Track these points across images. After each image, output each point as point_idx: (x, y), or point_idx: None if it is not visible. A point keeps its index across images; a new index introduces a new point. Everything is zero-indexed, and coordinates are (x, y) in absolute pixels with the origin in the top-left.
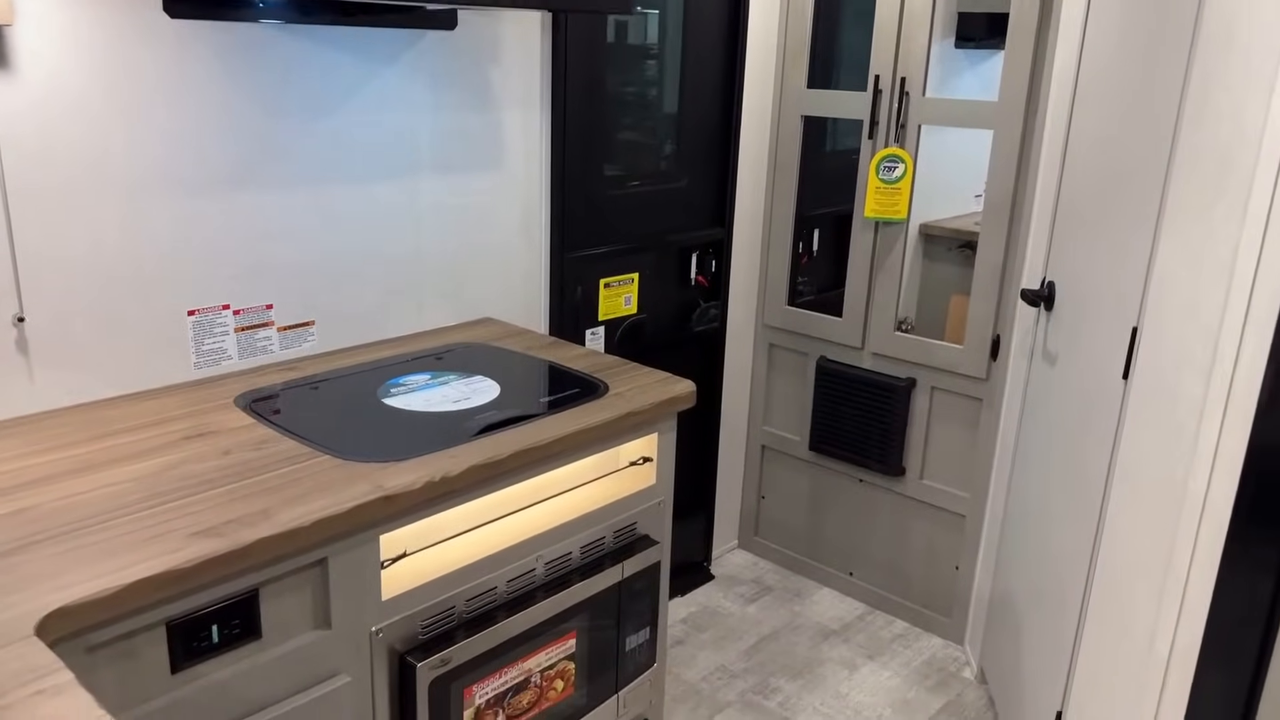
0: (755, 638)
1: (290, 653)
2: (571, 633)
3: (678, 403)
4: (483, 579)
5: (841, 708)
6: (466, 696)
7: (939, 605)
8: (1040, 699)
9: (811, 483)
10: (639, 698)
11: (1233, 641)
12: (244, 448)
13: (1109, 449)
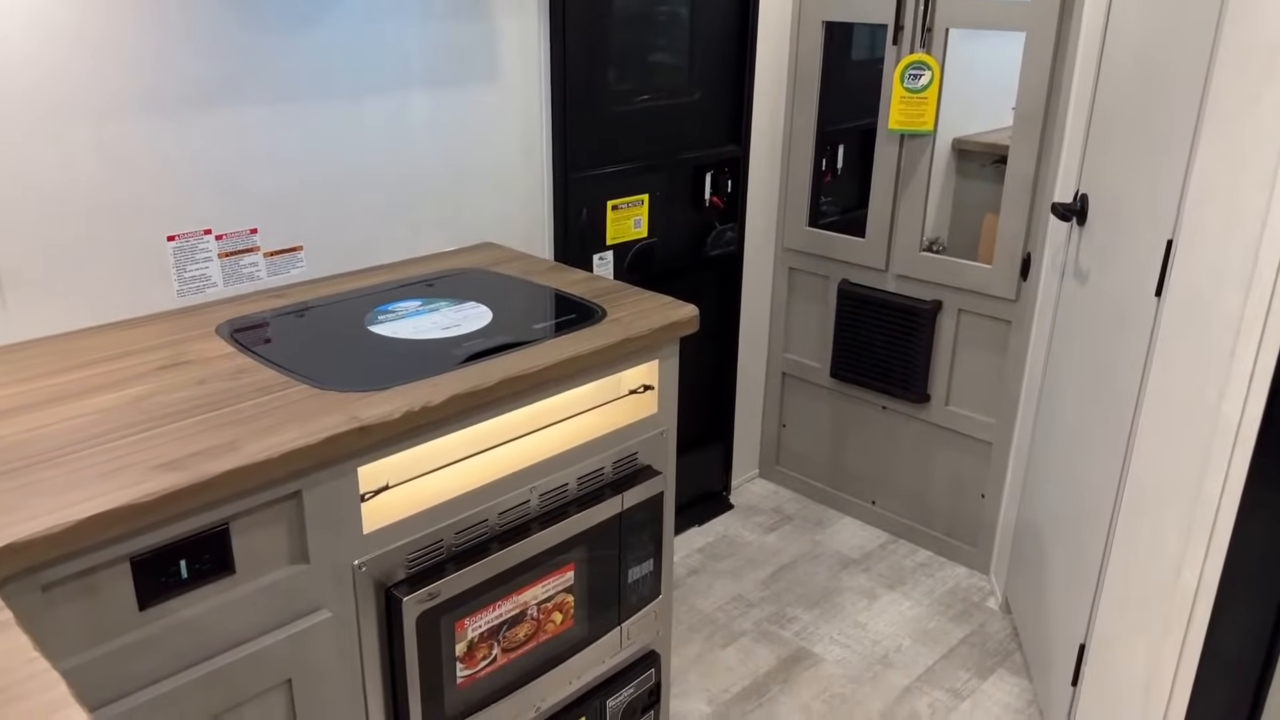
0: (773, 567)
1: (266, 588)
2: (569, 565)
3: (679, 328)
4: (473, 511)
5: (859, 637)
6: (458, 630)
7: (964, 534)
8: (1064, 631)
9: (833, 411)
10: (644, 630)
11: (1261, 573)
12: (220, 377)
13: (1140, 371)
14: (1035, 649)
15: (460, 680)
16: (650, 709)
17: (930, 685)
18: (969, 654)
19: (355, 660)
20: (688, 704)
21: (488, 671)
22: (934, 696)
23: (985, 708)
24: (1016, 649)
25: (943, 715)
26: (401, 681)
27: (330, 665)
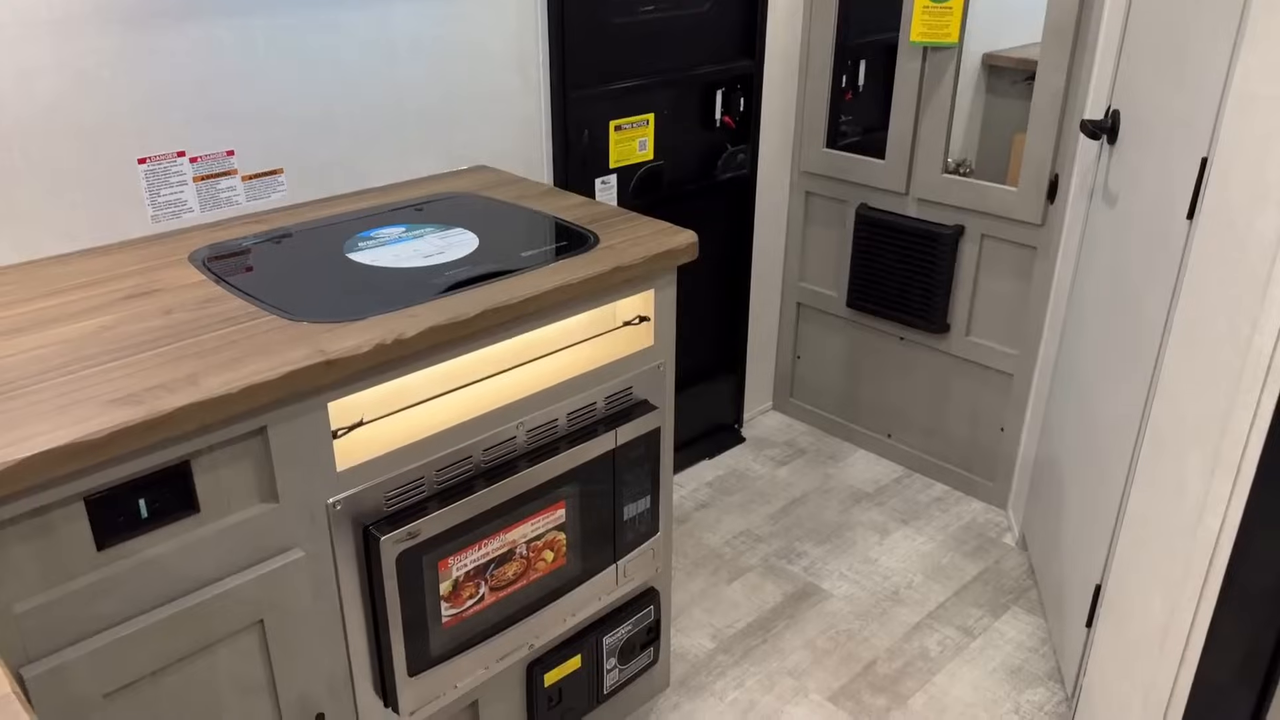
0: (784, 501)
1: (233, 527)
2: (560, 503)
3: (676, 256)
4: (455, 448)
5: (869, 573)
6: (441, 569)
7: (981, 468)
8: (1079, 571)
9: (849, 342)
10: (641, 567)
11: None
12: (186, 307)
13: (1168, 300)
14: (1051, 588)
15: (446, 619)
16: (649, 646)
17: (941, 623)
18: (982, 591)
19: (333, 601)
20: (691, 639)
21: (475, 610)
22: (944, 634)
23: (997, 646)
24: (1032, 586)
25: (952, 653)
26: (383, 622)
27: (305, 606)
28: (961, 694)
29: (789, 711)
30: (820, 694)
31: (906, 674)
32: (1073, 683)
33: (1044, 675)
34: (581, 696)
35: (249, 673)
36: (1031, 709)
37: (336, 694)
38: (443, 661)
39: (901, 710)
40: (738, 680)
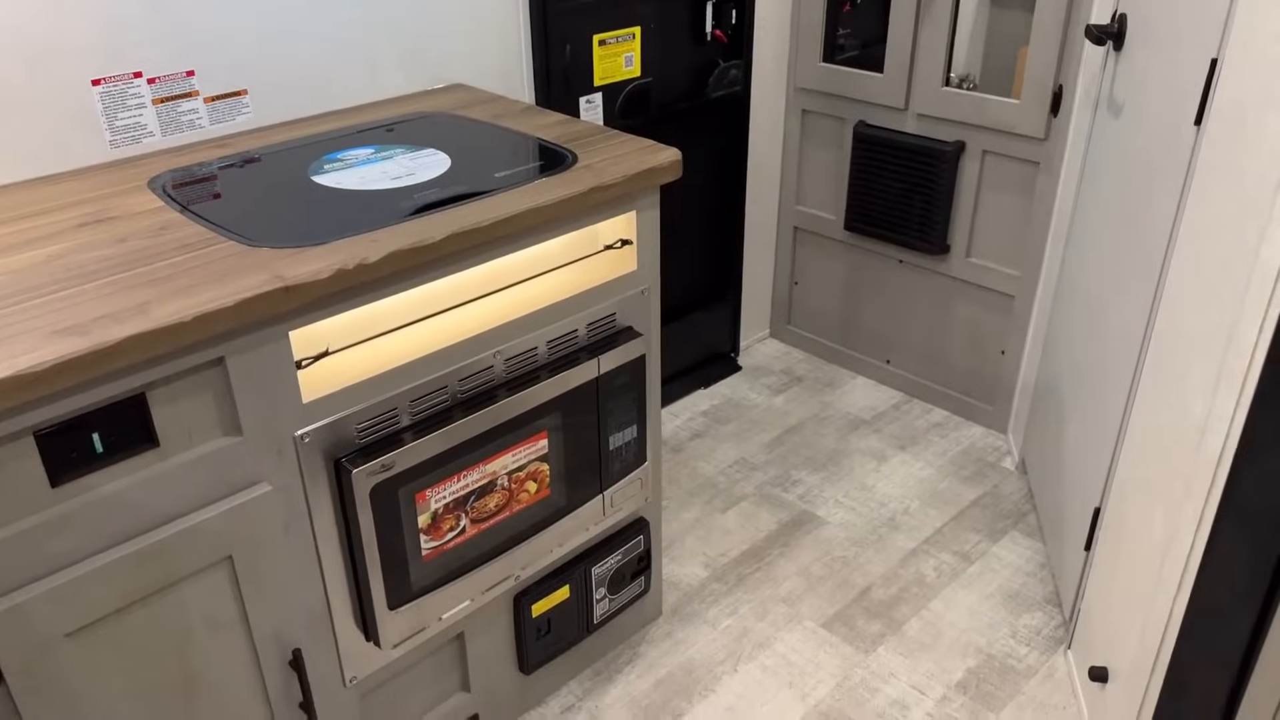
0: (780, 429)
1: (195, 461)
2: (541, 433)
3: (658, 174)
4: (429, 378)
5: (865, 500)
6: (419, 501)
7: (982, 392)
8: (1079, 494)
9: (848, 266)
10: (629, 498)
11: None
12: (141, 235)
13: (1173, 210)
14: (1050, 511)
15: (426, 552)
16: (640, 575)
17: (937, 548)
18: (980, 516)
19: (307, 536)
20: (684, 568)
21: (456, 543)
22: (940, 559)
23: (995, 570)
24: (1031, 510)
25: (949, 578)
26: (360, 556)
27: (276, 541)
28: (957, 619)
29: (782, 638)
30: (814, 620)
31: (902, 600)
32: (1070, 606)
33: (1042, 599)
34: (571, 627)
35: (220, 609)
36: (1028, 633)
37: (314, 629)
38: (424, 594)
39: (896, 636)
40: (731, 608)
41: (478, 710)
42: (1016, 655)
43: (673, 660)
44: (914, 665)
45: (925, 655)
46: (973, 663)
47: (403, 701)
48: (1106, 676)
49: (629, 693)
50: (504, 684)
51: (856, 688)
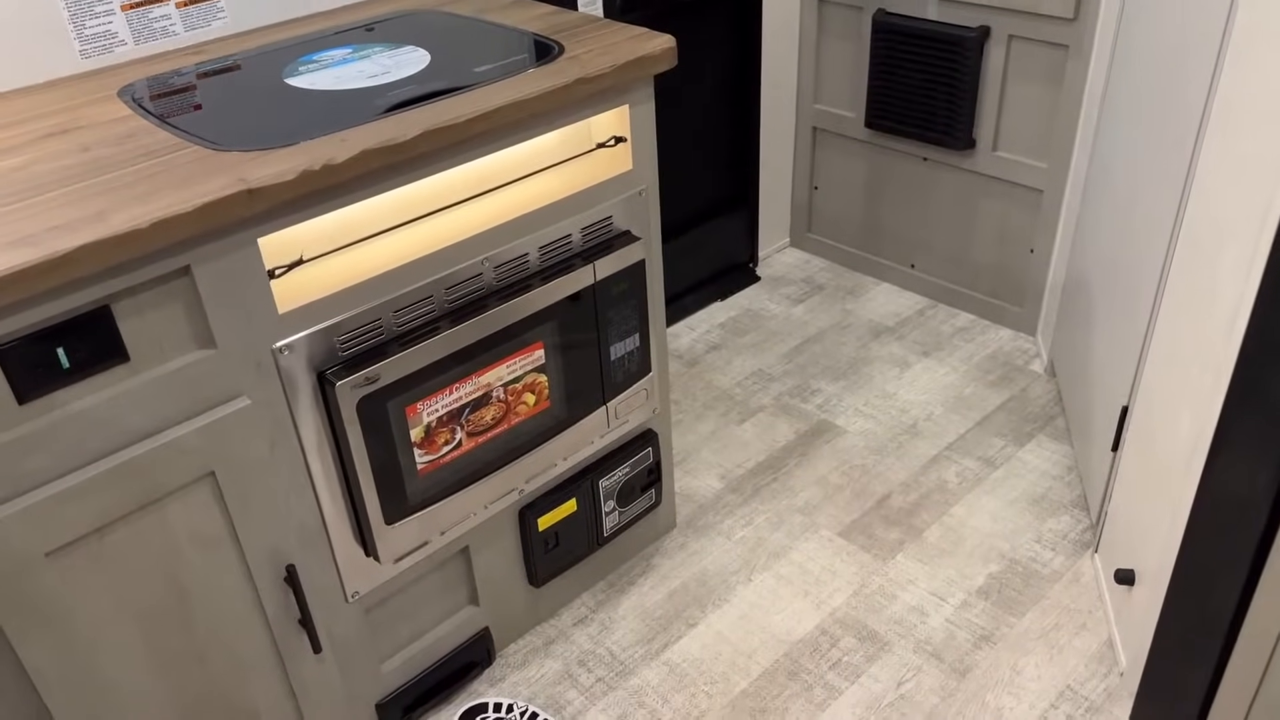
0: (799, 339)
1: (169, 376)
2: (537, 344)
3: (650, 64)
4: (413, 287)
5: (885, 407)
6: (410, 415)
7: (1010, 294)
8: (1106, 393)
9: (869, 167)
10: (634, 409)
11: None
12: (107, 143)
13: (1208, 84)
14: (1078, 413)
15: (422, 466)
16: (650, 488)
17: (961, 454)
18: (1006, 420)
19: (294, 452)
20: (698, 480)
21: (453, 456)
22: (964, 465)
23: (1020, 475)
24: (1059, 413)
25: (971, 484)
26: (352, 471)
27: (261, 457)
28: (980, 524)
29: (798, 547)
30: (830, 529)
31: (922, 507)
32: (1098, 509)
33: (1068, 503)
34: (580, 540)
35: (207, 527)
36: (1054, 537)
37: (310, 545)
38: (423, 509)
39: (915, 543)
40: (746, 518)
41: (488, 624)
42: (1041, 560)
43: (686, 571)
44: (933, 572)
45: (945, 562)
46: (995, 568)
47: (410, 616)
48: (1133, 579)
49: (641, 604)
50: (514, 597)
51: (874, 595)
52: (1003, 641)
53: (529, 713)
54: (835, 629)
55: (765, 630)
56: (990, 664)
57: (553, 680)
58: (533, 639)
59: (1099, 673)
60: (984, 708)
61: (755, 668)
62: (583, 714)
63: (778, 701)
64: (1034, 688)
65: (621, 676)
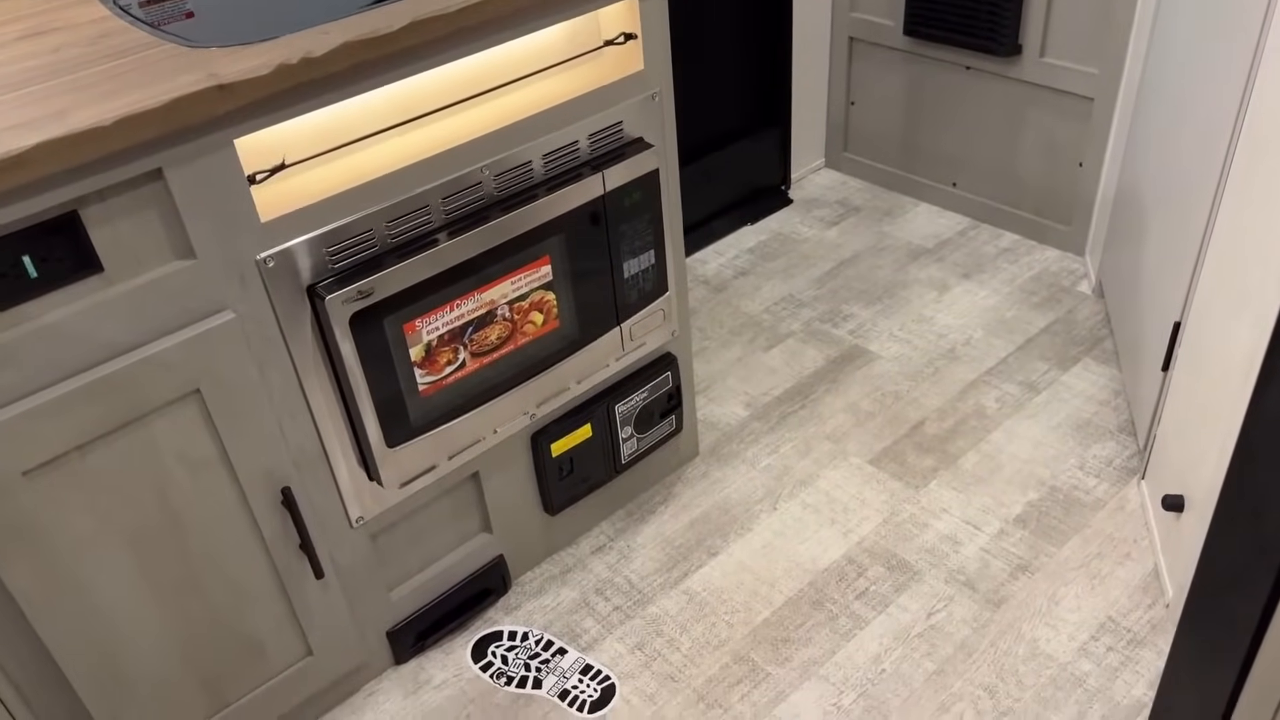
0: (832, 263)
1: (146, 288)
2: (544, 258)
3: None
4: (407, 195)
5: (922, 332)
6: (409, 332)
7: (1056, 212)
8: (1158, 310)
9: (909, 79)
10: (651, 331)
11: None
12: (79, 44)
13: None
14: (1127, 333)
15: (424, 387)
16: (670, 414)
17: (1001, 379)
18: (1050, 344)
19: (287, 370)
20: (723, 408)
21: (457, 377)
22: (1004, 390)
23: (1064, 400)
24: (1107, 335)
25: (1012, 410)
26: (349, 391)
27: (248, 374)
28: (1019, 451)
29: (825, 475)
30: (860, 457)
31: (958, 433)
32: (1146, 434)
33: (1114, 429)
34: (597, 467)
35: (195, 447)
36: (1098, 464)
37: (307, 468)
38: (427, 432)
39: (950, 470)
40: (772, 446)
41: (502, 551)
42: (1084, 487)
43: (708, 500)
44: (968, 500)
45: (981, 489)
46: (1034, 496)
47: (420, 542)
48: (1181, 505)
49: (662, 532)
50: (528, 525)
51: (904, 523)
52: (1040, 571)
53: (544, 641)
54: (863, 558)
55: (789, 559)
56: (1027, 594)
57: (569, 609)
58: (549, 567)
59: (1143, 604)
60: (1019, 639)
61: (778, 597)
62: (599, 642)
63: (801, 631)
64: (1073, 619)
65: (639, 605)
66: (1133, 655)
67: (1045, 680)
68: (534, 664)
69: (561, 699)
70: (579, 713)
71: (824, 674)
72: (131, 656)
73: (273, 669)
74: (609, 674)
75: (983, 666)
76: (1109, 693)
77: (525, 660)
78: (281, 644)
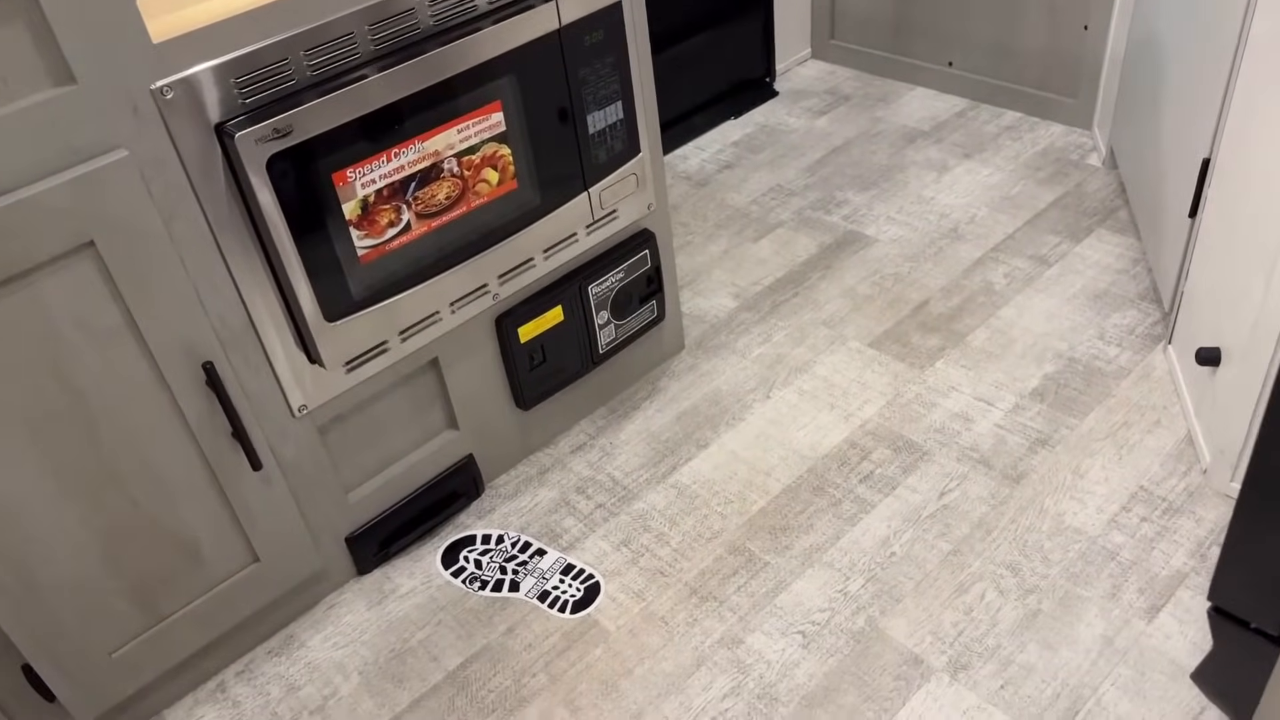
0: (822, 151)
1: (18, 116)
2: (494, 103)
3: None
4: (326, 20)
5: (922, 213)
6: (340, 184)
7: (1061, 84)
8: (1182, 154)
9: None
10: (624, 199)
11: None
12: None
13: None
14: (1144, 193)
15: (363, 252)
16: (650, 299)
17: (1009, 254)
18: (1060, 217)
19: (199, 225)
20: (709, 301)
21: (402, 242)
22: (1012, 265)
23: (1078, 271)
24: (1121, 205)
25: (1022, 284)
26: (274, 252)
27: (150, 226)
28: (1032, 325)
29: (823, 361)
30: (860, 340)
31: (965, 311)
32: (1171, 295)
33: (1134, 296)
34: (571, 356)
35: (96, 314)
36: (1119, 333)
37: (234, 345)
38: (372, 305)
39: (957, 349)
40: (764, 335)
41: (472, 451)
42: (1105, 356)
43: (697, 393)
44: (979, 377)
45: (993, 366)
46: (1051, 369)
47: (377, 440)
48: (1218, 358)
49: (647, 427)
50: (499, 422)
51: (910, 404)
52: (1062, 444)
53: (520, 542)
54: (866, 441)
55: (786, 446)
56: (1048, 468)
57: (547, 509)
58: (526, 469)
59: (1177, 471)
60: (1042, 514)
61: (775, 485)
62: (580, 541)
63: (801, 518)
64: (1101, 490)
65: (624, 502)
66: (1169, 525)
67: (1074, 555)
68: (510, 566)
69: (541, 600)
70: (560, 614)
71: (828, 560)
72: (42, 560)
73: (213, 577)
74: (593, 572)
75: (1003, 544)
76: (1145, 564)
77: (500, 564)
78: (221, 548)
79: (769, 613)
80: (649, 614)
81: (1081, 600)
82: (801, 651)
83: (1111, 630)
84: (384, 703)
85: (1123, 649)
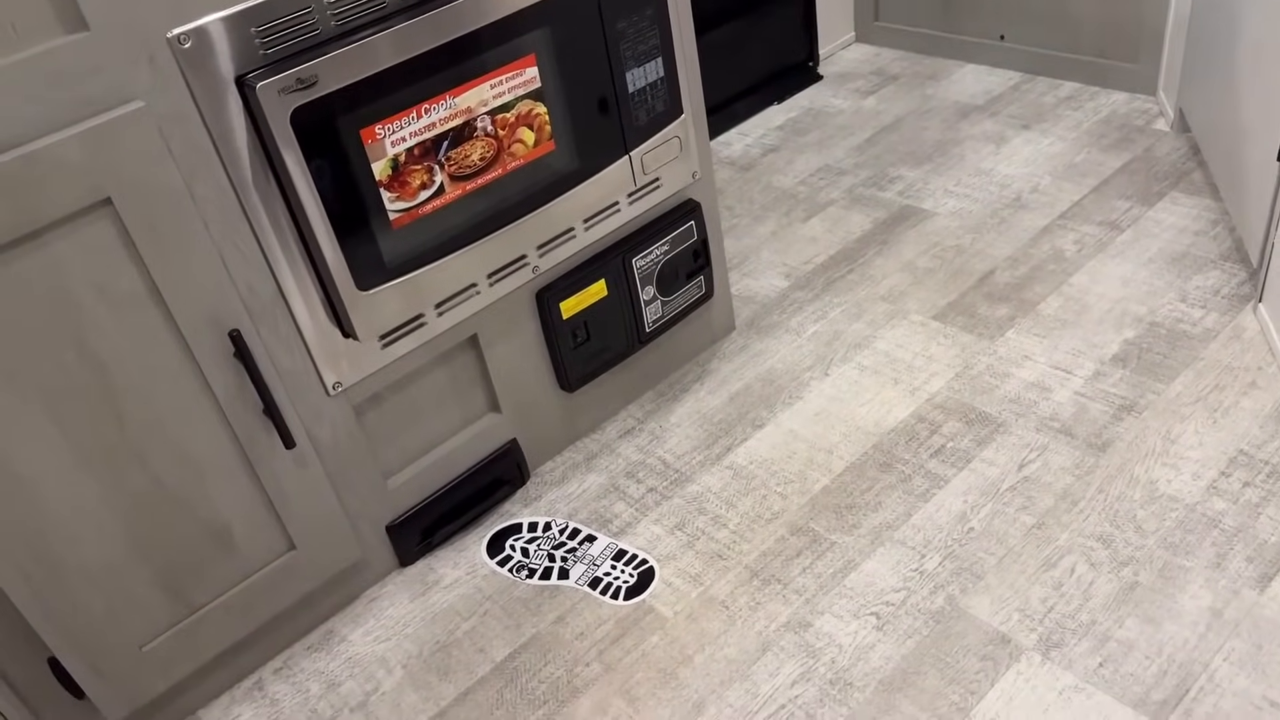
0: (872, 130)
1: (27, 65)
2: (528, 57)
3: None
4: None
5: (982, 185)
6: (369, 141)
7: (1121, 51)
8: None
9: None
10: (665, 162)
11: None
12: None
13: None
14: (1221, 154)
15: (395, 216)
16: (698, 274)
17: (1077, 221)
18: (1129, 182)
19: (222, 185)
20: (760, 281)
21: (436, 205)
22: (1083, 232)
23: (1152, 235)
24: (1195, 168)
25: (1094, 250)
26: (301, 214)
27: (170, 184)
28: (1107, 290)
29: (884, 336)
30: (923, 314)
31: (1034, 279)
32: (1260, 252)
33: (1217, 258)
34: (617, 334)
35: (115, 277)
36: (1203, 294)
37: (263, 316)
38: (405, 274)
39: (1029, 317)
40: (819, 313)
41: (516, 435)
42: (1189, 319)
43: (749, 373)
44: (1054, 345)
45: (1068, 333)
46: (1131, 334)
47: (416, 422)
48: None
49: (699, 409)
50: (543, 405)
51: (981, 375)
52: (1149, 410)
53: (569, 529)
54: (935, 415)
55: (848, 423)
56: (1136, 435)
57: (596, 495)
58: (572, 454)
59: (1279, 434)
60: (1133, 482)
61: (838, 463)
62: (632, 526)
63: (868, 496)
64: (1195, 456)
65: (677, 485)
66: (1275, 489)
67: (1171, 524)
68: (559, 554)
69: (592, 587)
70: (613, 600)
71: (900, 538)
72: (66, 543)
73: (247, 565)
74: (646, 557)
75: (1092, 516)
76: (1252, 531)
77: (549, 551)
78: (254, 533)
79: (838, 594)
80: (708, 598)
81: (1183, 571)
82: (876, 634)
83: (1220, 602)
84: (429, 696)
85: (1234, 621)
